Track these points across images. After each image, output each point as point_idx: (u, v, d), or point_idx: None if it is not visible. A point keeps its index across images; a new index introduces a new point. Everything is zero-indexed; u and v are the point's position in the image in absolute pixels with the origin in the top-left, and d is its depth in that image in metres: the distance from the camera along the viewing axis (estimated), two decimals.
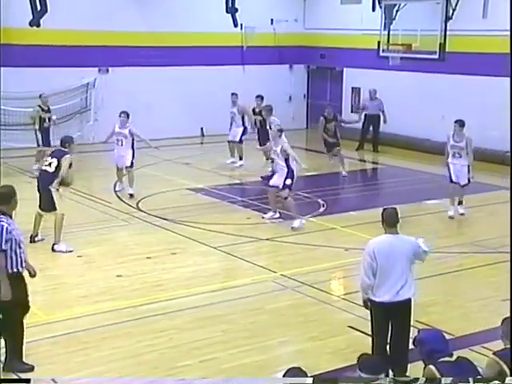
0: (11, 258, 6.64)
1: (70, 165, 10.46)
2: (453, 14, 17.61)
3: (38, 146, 15.45)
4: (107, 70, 19.14)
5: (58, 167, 10.35)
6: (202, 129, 20.81)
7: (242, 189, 14.24)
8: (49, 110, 15.80)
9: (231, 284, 9.36)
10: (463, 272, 9.92)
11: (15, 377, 6.64)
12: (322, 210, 12.96)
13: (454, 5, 17.57)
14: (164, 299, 8.74)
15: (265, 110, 15.11)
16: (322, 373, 6.67)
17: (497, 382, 5.02)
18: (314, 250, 10.81)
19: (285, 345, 7.71)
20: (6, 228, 6.57)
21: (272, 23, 21.21)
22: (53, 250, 10.33)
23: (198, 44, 19.99)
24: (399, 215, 6.71)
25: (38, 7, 18.01)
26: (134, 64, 19.13)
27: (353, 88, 21.07)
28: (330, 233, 11.52)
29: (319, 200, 13.53)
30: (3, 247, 6.56)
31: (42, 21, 18.05)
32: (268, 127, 14.66)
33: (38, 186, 10.61)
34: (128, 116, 13.65)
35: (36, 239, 10.60)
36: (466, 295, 9.17)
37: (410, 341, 6.43)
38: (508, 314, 6.18)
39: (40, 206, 10.58)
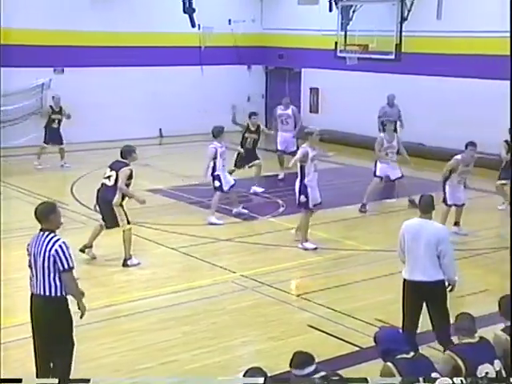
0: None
1: (130, 176, 9.90)
2: (408, 15, 17.87)
3: (45, 142, 16.33)
4: (63, 70, 18.92)
5: (117, 180, 9.82)
6: (160, 130, 20.74)
7: (201, 190, 14.21)
8: (60, 112, 16.40)
9: (192, 285, 9.35)
10: None
11: None
12: (281, 209, 13.05)
13: (409, 6, 17.84)
14: (125, 301, 8.70)
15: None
16: (281, 372, 6.72)
17: (448, 379, 5.13)
18: (273, 250, 10.86)
19: (246, 345, 7.75)
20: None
21: (230, 23, 21.22)
22: (125, 265, 9.90)
23: (156, 44, 19.90)
24: (433, 204, 7.16)
25: None
26: (90, 64, 18.92)
27: (311, 88, 21.24)
28: (289, 233, 11.58)
29: (278, 200, 13.61)
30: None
31: None
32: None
33: (97, 200, 10.15)
34: None
35: (86, 251, 10.11)
36: None
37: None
38: (461, 310, 6.37)
39: (103, 219, 10.14)
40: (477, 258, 10.33)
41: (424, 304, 7.14)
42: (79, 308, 6.31)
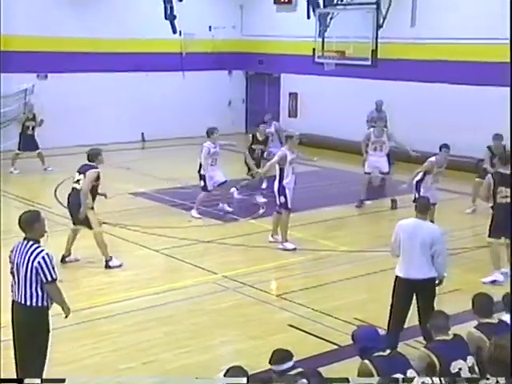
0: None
1: (98, 178, 9.97)
2: (383, 22, 18.13)
3: (19, 149, 16.31)
4: (46, 76, 18.95)
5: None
6: (142, 134, 20.83)
7: (184, 192, 14.34)
8: (33, 119, 16.44)
9: (173, 286, 9.45)
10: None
11: None
12: (261, 211, 13.20)
13: (384, 14, 18.11)
14: (106, 303, 8.77)
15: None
16: (262, 371, 6.86)
17: (428, 378, 5.27)
18: (254, 251, 10.99)
19: (226, 344, 7.86)
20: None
21: (210, 30, 21.38)
22: (107, 266, 9.95)
23: (137, 50, 19.96)
24: (430, 205, 7.59)
25: None
26: (74, 70, 18.95)
27: (290, 93, 21.47)
28: (269, 234, 11.71)
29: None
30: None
31: None
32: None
33: (68, 204, 10.19)
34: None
35: (67, 259, 10.13)
36: None
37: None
38: (436, 309, 6.54)
39: (74, 223, 10.17)
40: (451, 258, 10.49)
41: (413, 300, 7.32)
42: (64, 311, 6.40)
